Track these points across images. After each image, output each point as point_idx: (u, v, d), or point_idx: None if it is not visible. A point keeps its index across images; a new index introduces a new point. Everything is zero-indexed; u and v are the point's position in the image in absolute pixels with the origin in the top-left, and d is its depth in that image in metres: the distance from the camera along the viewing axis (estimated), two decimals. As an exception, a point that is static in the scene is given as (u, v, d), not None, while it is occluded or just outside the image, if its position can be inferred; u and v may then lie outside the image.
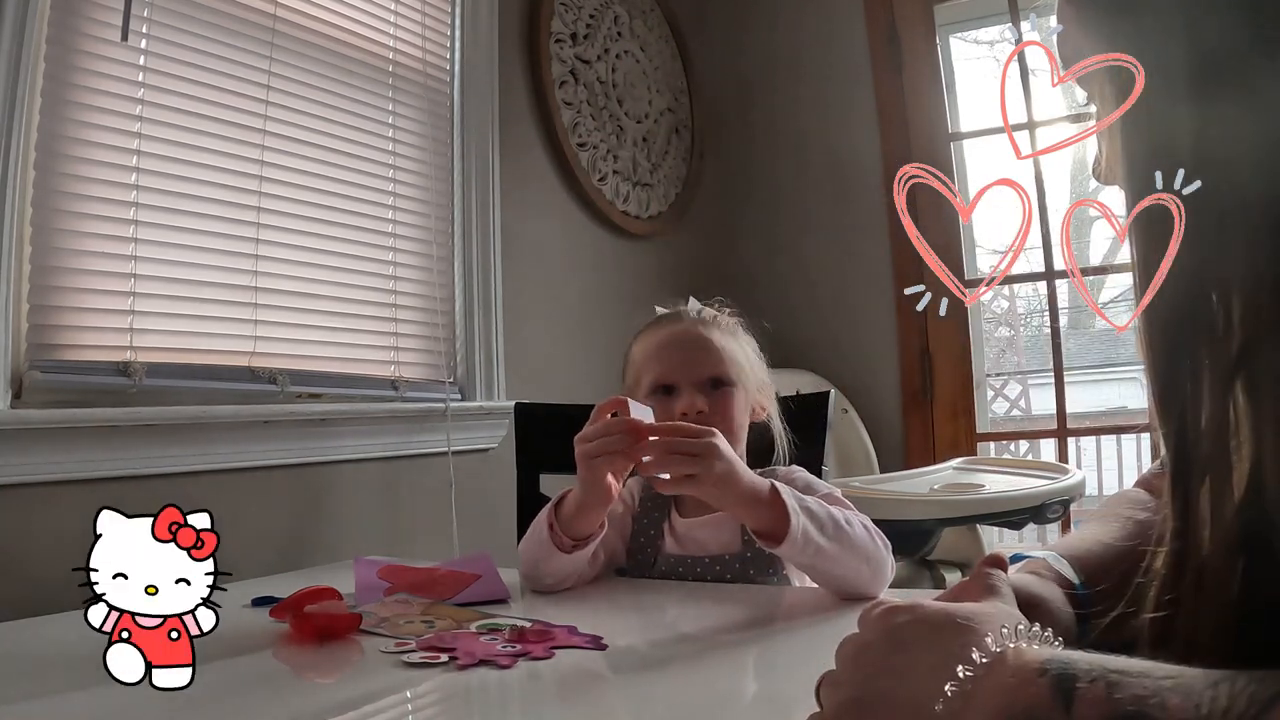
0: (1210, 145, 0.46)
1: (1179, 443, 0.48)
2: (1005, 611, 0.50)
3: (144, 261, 1.36)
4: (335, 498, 1.63)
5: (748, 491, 0.94)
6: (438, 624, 0.87)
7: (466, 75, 1.97)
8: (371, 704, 0.70)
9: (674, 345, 1.14)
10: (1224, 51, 0.46)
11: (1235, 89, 0.45)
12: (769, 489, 0.95)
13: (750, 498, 0.94)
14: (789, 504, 0.93)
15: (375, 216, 1.76)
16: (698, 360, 1.12)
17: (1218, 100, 0.45)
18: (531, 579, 1.07)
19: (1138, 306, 0.50)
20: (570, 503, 1.02)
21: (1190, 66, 0.46)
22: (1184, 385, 0.47)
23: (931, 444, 2.59)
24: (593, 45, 2.34)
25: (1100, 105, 0.52)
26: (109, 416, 1.26)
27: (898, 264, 2.61)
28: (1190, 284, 0.47)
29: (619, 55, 2.42)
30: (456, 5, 1.97)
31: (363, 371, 1.72)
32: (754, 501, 0.94)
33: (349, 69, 1.72)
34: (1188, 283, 0.47)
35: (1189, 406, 0.47)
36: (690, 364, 1.12)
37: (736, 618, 0.93)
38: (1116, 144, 0.51)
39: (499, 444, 1.93)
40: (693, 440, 0.94)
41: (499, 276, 1.98)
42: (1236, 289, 0.45)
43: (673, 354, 1.13)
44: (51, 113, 1.26)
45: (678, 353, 1.13)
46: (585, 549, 1.03)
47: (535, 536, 1.04)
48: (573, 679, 0.74)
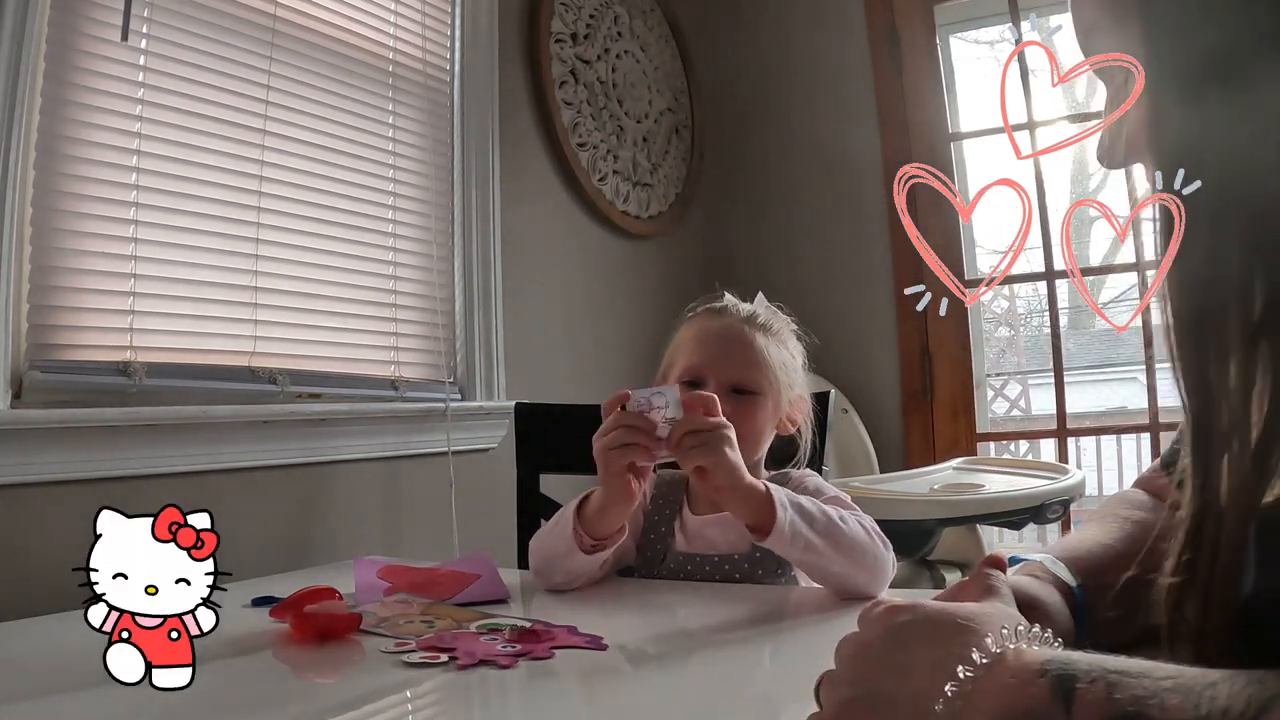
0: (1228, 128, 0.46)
1: (1201, 406, 0.48)
2: (1005, 612, 0.50)
3: (144, 261, 1.36)
4: (335, 498, 1.63)
5: (743, 487, 0.95)
6: (438, 624, 0.87)
7: (466, 75, 1.97)
8: (371, 704, 0.70)
9: (713, 338, 1.12)
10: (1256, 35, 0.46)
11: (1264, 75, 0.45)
12: (764, 488, 0.96)
13: (745, 493, 0.95)
14: (777, 499, 0.94)
15: (375, 216, 1.76)
16: (732, 360, 1.10)
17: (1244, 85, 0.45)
18: (543, 575, 1.06)
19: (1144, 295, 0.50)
20: (593, 502, 1.02)
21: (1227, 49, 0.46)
22: (1207, 348, 0.47)
23: (931, 444, 2.59)
24: (593, 45, 2.34)
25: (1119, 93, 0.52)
26: (109, 416, 1.26)
27: (898, 264, 2.62)
28: (1214, 249, 0.47)
29: (619, 55, 2.42)
30: (456, 5, 1.97)
31: (362, 371, 1.72)
32: (747, 496, 0.95)
33: (349, 69, 1.72)
34: (1211, 248, 0.47)
35: (1212, 370, 0.47)
36: (723, 361, 1.10)
37: (737, 617, 0.93)
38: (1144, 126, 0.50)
39: (499, 444, 1.93)
40: (706, 431, 0.94)
41: (499, 276, 1.98)
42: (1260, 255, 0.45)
43: (709, 347, 1.11)
44: (51, 113, 1.26)
45: (715, 347, 1.11)
46: (605, 551, 1.03)
47: (557, 533, 1.04)
48: (573, 679, 0.74)
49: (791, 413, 1.15)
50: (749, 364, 1.10)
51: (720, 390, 1.07)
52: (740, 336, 1.12)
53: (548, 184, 2.20)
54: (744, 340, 1.11)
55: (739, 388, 1.09)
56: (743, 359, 1.10)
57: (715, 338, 1.12)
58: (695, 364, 1.11)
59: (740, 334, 1.12)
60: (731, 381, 1.09)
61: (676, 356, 1.14)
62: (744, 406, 1.08)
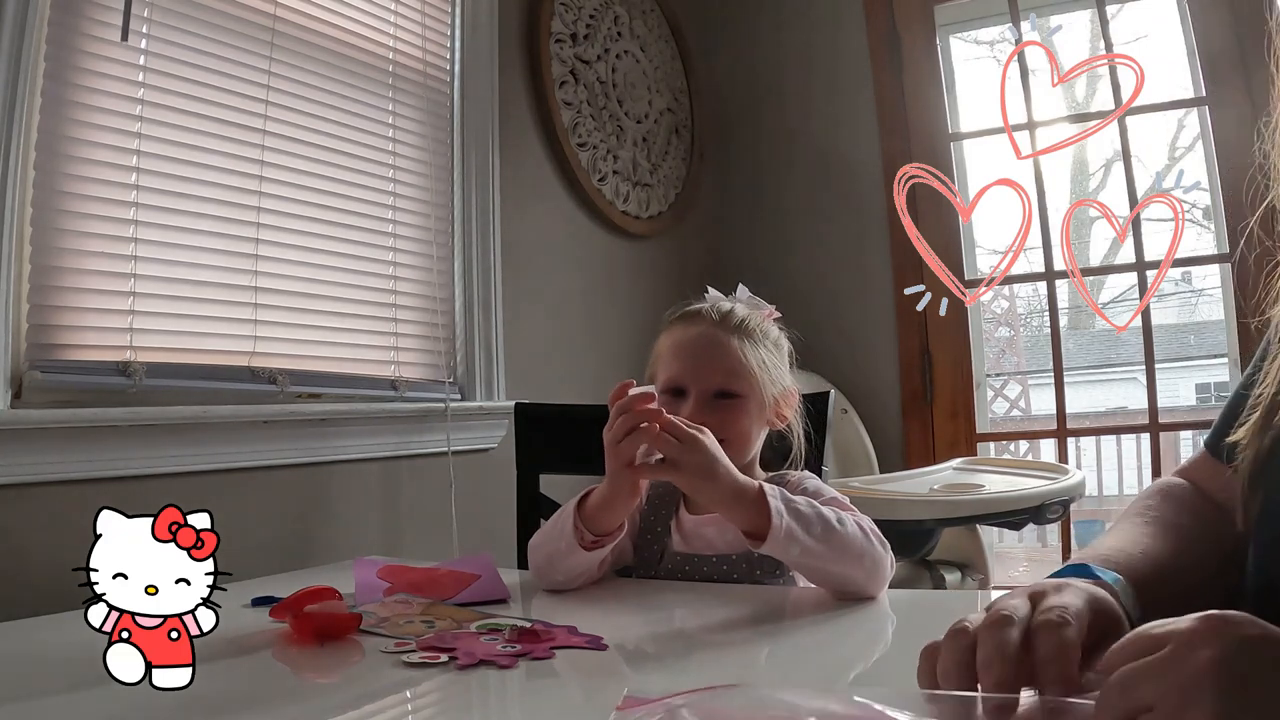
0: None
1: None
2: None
3: (144, 261, 1.36)
4: (335, 498, 1.63)
5: (729, 489, 0.95)
6: (438, 624, 0.87)
7: (466, 75, 1.97)
8: (371, 704, 0.70)
9: (689, 348, 1.12)
10: None
11: None
12: (756, 489, 0.95)
13: (733, 495, 0.95)
14: (772, 504, 0.93)
15: (375, 216, 1.76)
16: (711, 368, 1.10)
17: None
18: (543, 574, 1.06)
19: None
20: (596, 498, 1.02)
21: None
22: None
23: (931, 444, 2.59)
24: (593, 45, 2.34)
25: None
26: (109, 416, 1.26)
27: (898, 264, 2.61)
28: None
29: (619, 55, 2.42)
30: (456, 5, 1.97)
31: (363, 371, 1.72)
32: (737, 499, 0.95)
33: (349, 69, 1.72)
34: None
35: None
36: (702, 371, 1.10)
37: (736, 617, 0.93)
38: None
39: (499, 444, 1.93)
40: (680, 428, 0.95)
41: (499, 276, 1.98)
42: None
43: (687, 358, 1.12)
44: (51, 113, 1.26)
45: (691, 358, 1.12)
46: (605, 548, 1.03)
47: (557, 532, 1.04)
48: (573, 679, 0.74)
49: (779, 408, 1.15)
50: (727, 371, 1.10)
51: (702, 398, 1.08)
52: (715, 343, 1.12)
53: (548, 184, 2.20)
54: (720, 347, 1.11)
55: (720, 392, 1.10)
56: (721, 366, 1.10)
57: (691, 347, 1.12)
58: (674, 375, 1.12)
59: (715, 340, 1.12)
60: (712, 389, 1.10)
61: (657, 368, 1.15)
62: (728, 411, 1.09)
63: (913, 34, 2.67)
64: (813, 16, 2.80)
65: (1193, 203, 3.41)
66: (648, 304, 2.42)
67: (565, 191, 2.24)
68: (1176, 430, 3.34)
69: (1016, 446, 4.71)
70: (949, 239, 2.42)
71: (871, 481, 2.12)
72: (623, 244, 2.42)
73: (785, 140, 2.81)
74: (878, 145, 2.68)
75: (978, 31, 3.35)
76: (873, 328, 2.66)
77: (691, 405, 1.08)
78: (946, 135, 2.64)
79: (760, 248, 2.80)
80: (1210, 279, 4.61)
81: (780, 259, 2.75)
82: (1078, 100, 4.33)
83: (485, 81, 1.99)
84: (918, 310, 1.89)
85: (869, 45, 2.71)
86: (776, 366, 1.15)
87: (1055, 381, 2.57)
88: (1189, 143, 4.87)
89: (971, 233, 2.72)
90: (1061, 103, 4.47)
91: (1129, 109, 2.02)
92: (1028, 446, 4.77)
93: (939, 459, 2.45)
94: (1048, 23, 2.41)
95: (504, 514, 1.46)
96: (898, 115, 2.67)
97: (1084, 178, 6.22)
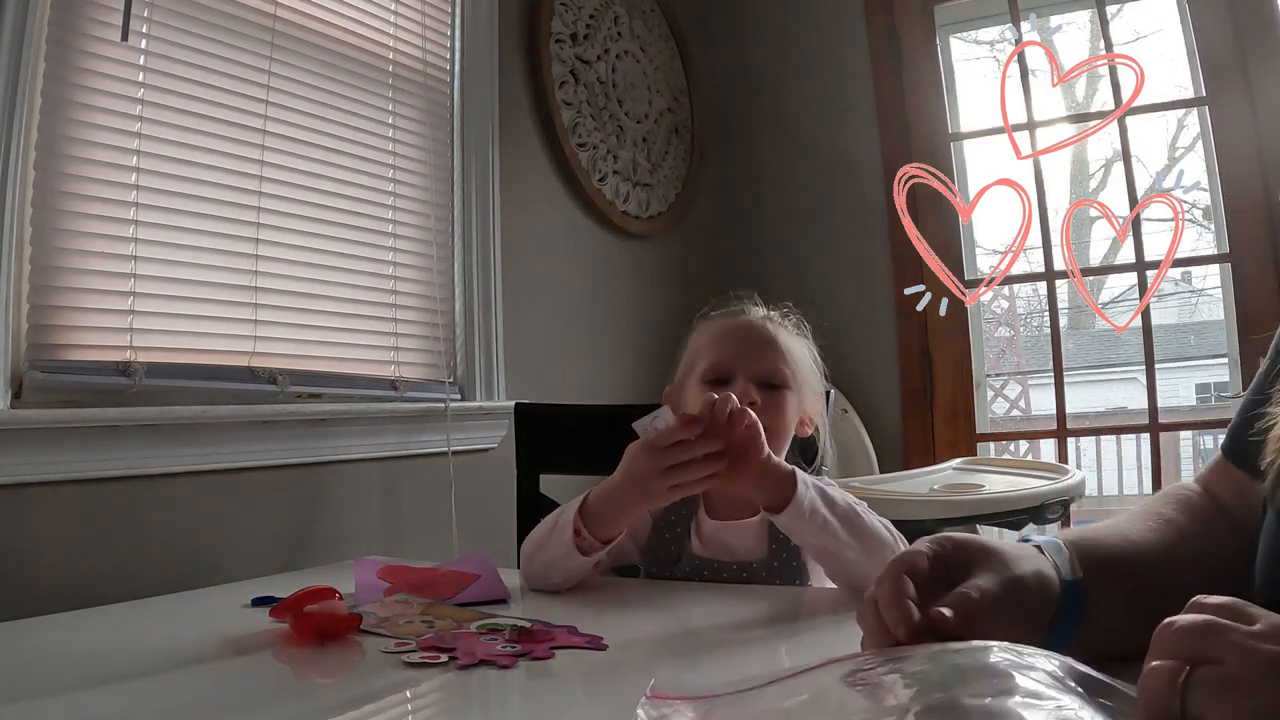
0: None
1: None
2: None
3: (144, 261, 1.36)
4: (335, 498, 1.63)
5: (771, 467, 0.95)
6: (438, 624, 0.87)
7: (466, 75, 1.97)
8: (371, 704, 0.69)
9: (737, 334, 1.11)
10: None
11: None
12: (788, 468, 0.95)
13: (762, 471, 0.95)
14: (800, 476, 0.94)
15: (375, 216, 1.76)
16: (759, 353, 1.08)
17: None
18: (538, 577, 1.04)
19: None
20: (606, 503, 0.99)
21: None
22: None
23: (931, 444, 2.59)
24: (593, 45, 2.34)
25: None
26: (109, 416, 1.26)
27: (898, 264, 2.61)
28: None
29: (619, 55, 2.42)
30: (456, 5, 1.97)
31: (362, 371, 1.71)
32: (765, 474, 0.95)
33: (349, 69, 1.72)
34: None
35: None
36: (750, 355, 1.08)
37: (739, 617, 0.93)
38: None
39: (499, 444, 1.93)
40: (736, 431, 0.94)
41: (499, 276, 1.98)
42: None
43: (733, 344, 1.10)
44: (51, 113, 1.26)
45: (738, 344, 1.09)
46: (602, 552, 1.02)
47: (554, 537, 1.01)
48: (573, 679, 0.74)
49: (810, 412, 1.14)
50: (776, 358, 1.09)
51: (747, 385, 1.06)
52: (764, 331, 1.11)
53: (548, 184, 2.20)
54: (768, 335, 1.10)
55: (767, 381, 1.07)
56: (771, 351, 1.09)
57: (738, 333, 1.11)
58: (720, 360, 1.09)
59: (764, 329, 1.11)
60: (759, 375, 1.07)
61: (697, 358, 1.12)
62: (772, 401, 1.07)
63: (913, 34, 2.67)
64: (813, 16, 2.80)
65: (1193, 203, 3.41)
66: (648, 304, 2.42)
67: (565, 191, 2.24)
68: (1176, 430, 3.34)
69: (1016, 446, 4.70)
70: (949, 239, 2.42)
71: (871, 481, 2.12)
72: (623, 244, 2.41)
73: (785, 140, 2.81)
74: (878, 145, 2.68)
75: (978, 31, 3.35)
76: (873, 328, 2.65)
77: (739, 391, 1.04)
78: (946, 135, 2.64)
79: (760, 248, 2.80)
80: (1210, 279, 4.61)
81: (780, 259, 2.75)
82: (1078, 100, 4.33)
83: (485, 81, 1.99)
84: (918, 310, 1.90)
85: (869, 45, 2.71)
86: (814, 373, 1.15)
87: (1055, 381, 2.57)
88: (1189, 143, 4.88)
89: (971, 233, 2.72)
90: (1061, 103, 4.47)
91: (1129, 109, 2.03)
92: (1028, 446, 4.76)
93: (939, 459, 2.45)
94: (1048, 23, 2.41)
95: (504, 514, 1.46)
96: (898, 115, 2.67)
97: (1084, 178, 6.22)
